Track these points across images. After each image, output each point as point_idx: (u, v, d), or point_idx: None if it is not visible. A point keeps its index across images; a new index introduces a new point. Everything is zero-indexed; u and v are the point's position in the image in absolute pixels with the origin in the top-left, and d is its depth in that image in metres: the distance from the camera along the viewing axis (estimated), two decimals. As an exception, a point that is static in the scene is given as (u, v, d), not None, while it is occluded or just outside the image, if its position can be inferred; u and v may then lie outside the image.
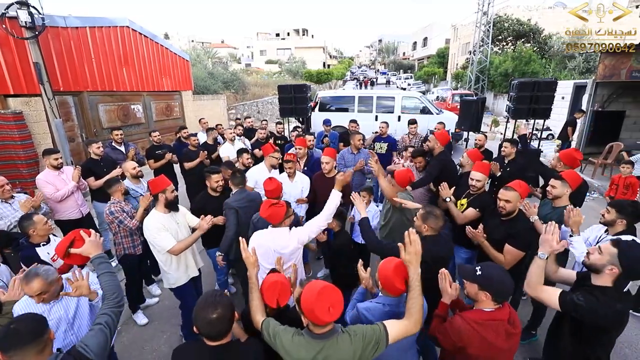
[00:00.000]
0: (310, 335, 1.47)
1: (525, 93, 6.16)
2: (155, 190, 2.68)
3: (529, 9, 23.76)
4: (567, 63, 17.44)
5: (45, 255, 2.49)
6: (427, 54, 41.04)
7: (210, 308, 1.44)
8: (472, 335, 1.59)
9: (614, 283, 1.67)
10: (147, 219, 2.67)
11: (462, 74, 24.36)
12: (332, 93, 11.05)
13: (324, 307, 1.37)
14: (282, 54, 43.43)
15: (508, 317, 1.63)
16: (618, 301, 1.63)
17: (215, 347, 1.48)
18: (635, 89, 8.24)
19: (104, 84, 7.08)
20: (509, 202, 2.46)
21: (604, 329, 1.68)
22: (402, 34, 58.98)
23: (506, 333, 1.60)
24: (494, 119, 14.96)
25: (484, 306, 1.65)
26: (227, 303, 1.50)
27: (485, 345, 1.58)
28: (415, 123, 5.71)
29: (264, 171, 3.89)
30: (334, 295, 1.42)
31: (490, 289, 1.62)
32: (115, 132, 4.85)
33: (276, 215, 2.36)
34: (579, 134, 8.99)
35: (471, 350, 1.60)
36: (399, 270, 1.68)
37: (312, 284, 1.46)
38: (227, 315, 1.47)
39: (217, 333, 1.46)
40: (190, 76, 10.60)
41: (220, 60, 25.66)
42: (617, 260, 1.63)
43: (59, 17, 6.08)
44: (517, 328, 1.65)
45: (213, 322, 1.43)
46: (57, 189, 3.67)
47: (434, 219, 2.22)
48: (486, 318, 1.61)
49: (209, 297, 1.51)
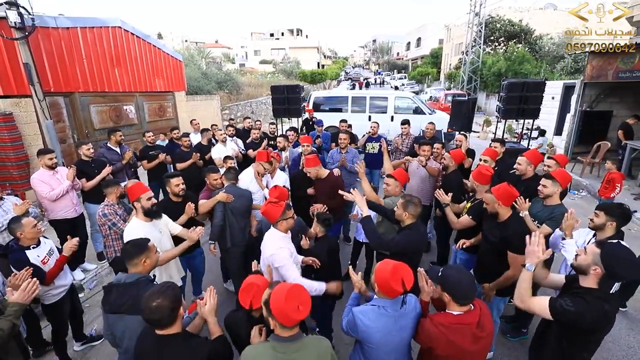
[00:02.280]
0: (277, 339, 1.50)
1: (515, 93, 6.26)
2: (131, 198, 2.60)
3: (520, 10, 24.07)
4: (557, 64, 17.70)
5: (35, 258, 2.49)
6: (421, 54, 41.33)
7: (153, 297, 1.52)
8: (439, 337, 1.63)
9: (599, 284, 1.68)
10: (127, 228, 2.58)
11: (455, 74, 24.58)
12: (326, 93, 11.10)
13: (293, 306, 1.44)
14: (277, 54, 43.33)
15: (477, 320, 1.65)
16: (605, 302, 1.64)
17: (160, 335, 1.56)
18: (621, 89, 8.41)
19: (95, 84, 7.03)
20: (487, 204, 2.59)
21: (593, 330, 1.68)
22: (396, 34, 59.26)
23: (473, 337, 1.63)
24: (486, 118, 15.13)
25: (452, 309, 1.69)
26: (171, 294, 1.56)
27: (452, 347, 1.63)
28: (407, 124, 5.77)
29: (251, 177, 3.84)
30: (302, 295, 1.49)
31: (449, 290, 1.67)
32: (117, 133, 4.85)
33: (272, 213, 2.40)
34: (568, 134, 9.16)
35: (438, 351, 1.65)
36: (397, 272, 1.69)
37: (281, 286, 1.52)
38: (167, 306, 1.52)
39: (155, 321, 1.53)
40: (183, 76, 10.55)
41: (214, 60, 25.49)
42: (599, 261, 1.64)
43: (49, 17, 6.02)
44: (485, 331, 1.67)
45: (152, 309, 1.50)
46: (52, 188, 3.67)
47: (414, 207, 2.43)
48: (453, 322, 1.64)
49: (158, 287, 1.59)
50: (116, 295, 1.88)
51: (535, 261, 1.80)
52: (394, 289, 1.66)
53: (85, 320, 3.34)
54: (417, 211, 2.44)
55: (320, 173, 3.69)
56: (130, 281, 1.91)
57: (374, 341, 1.73)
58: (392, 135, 6.38)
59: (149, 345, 1.59)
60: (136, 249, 1.97)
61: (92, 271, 4.28)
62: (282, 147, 5.08)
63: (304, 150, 4.47)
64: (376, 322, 1.71)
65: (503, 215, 2.53)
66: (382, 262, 1.80)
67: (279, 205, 2.42)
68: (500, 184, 2.59)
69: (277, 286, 1.54)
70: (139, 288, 1.86)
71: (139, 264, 1.96)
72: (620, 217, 2.43)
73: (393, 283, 1.66)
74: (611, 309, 1.66)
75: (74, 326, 3.06)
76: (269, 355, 1.49)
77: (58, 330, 2.80)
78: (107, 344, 3.21)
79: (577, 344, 1.77)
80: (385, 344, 1.73)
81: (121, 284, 1.91)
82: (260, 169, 3.80)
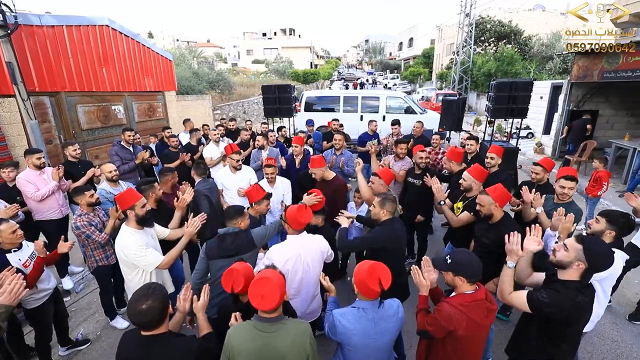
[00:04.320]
0: (258, 319, 1.64)
1: (504, 93, 6.33)
2: (123, 206, 2.48)
3: (509, 11, 24.40)
4: (546, 64, 18.01)
5: (16, 262, 2.43)
6: (413, 54, 41.58)
7: (141, 299, 1.52)
8: (460, 318, 1.69)
9: (581, 277, 1.72)
10: (121, 239, 2.44)
11: (447, 74, 24.80)
12: (318, 93, 11.09)
13: (257, 294, 1.58)
14: (269, 53, 43.15)
15: (485, 295, 1.78)
16: (580, 293, 1.68)
17: (147, 336, 1.56)
18: (607, 88, 8.60)
19: (82, 84, 6.89)
20: (483, 206, 2.53)
21: (567, 321, 1.71)
22: (389, 34, 59.59)
23: (487, 310, 1.75)
24: (476, 118, 15.31)
25: (464, 289, 1.77)
26: (159, 295, 1.57)
27: (472, 325, 1.70)
28: (398, 124, 5.80)
29: (229, 174, 3.98)
30: (267, 286, 1.59)
31: (463, 273, 1.75)
32: (127, 133, 4.81)
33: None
34: (556, 133, 9.32)
35: (460, 331, 1.70)
36: (374, 272, 1.70)
37: (261, 273, 1.68)
38: (157, 307, 1.53)
39: (146, 323, 1.54)
40: (173, 76, 10.42)
41: (205, 59, 25.31)
42: (583, 256, 1.67)
43: (33, 15, 5.89)
44: (494, 304, 1.80)
45: (142, 312, 1.50)
46: (38, 188, 3.61)
47: (390, 203, 2.47)
48: (470, 300, 1.73)
49: (143, 289, 1.58)
50: (230, 240, 2.39)
51: (515, 259, 1.88)
52: (372, 288, 1.68)
53: (71, 324, 3.28)
54: (394, 207, 2.49)
55: (325, 175, 3.56)
56: (236, 231, 2.45)
57: (352, 344, 1.73)
58: (384, 135, 6.41)
59: (135, 348, 1.58)
60: (237, 213, 2.50)
61: (78, 274, 4.21)
62: (260, 145, 5.02)
63: (294, 150, 4.46)
64: (355, 324, 1.72)
65: (497, 216, 2.51)
66: (360, 263, 1.81)
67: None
68: (496, 185, 2.55)
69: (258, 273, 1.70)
70: (247, 233, 2.49)
71: (236, 223, 2.47)
72: (623, 228, 2.36)
73: (370, 283, 1.68)
74: (585, 300, 1.69)
75: (58, 331, 3.00)
76: (250, 332, 1.62)
77: (41, 335, 2.73)
78: (93, 349, 3.19)
79: (555, 336, 1.81)
80: (363, 347, 1.73)
81: (231, 233, 2.43)
82: (232, 162, 3.92)
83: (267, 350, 1.57)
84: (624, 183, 6.70)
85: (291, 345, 1.59)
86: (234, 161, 3.92)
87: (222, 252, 2.38)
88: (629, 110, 9.09)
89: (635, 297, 3.55)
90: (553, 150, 9.47)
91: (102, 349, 3.19)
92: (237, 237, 2.43)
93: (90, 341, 3.26)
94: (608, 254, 1.69)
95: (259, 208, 2.91)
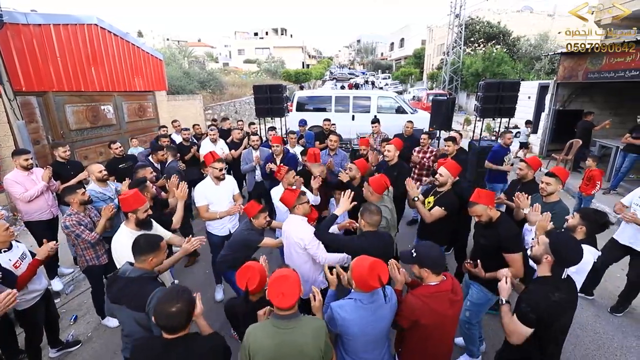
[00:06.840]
0: (276, 317, 1.67)
1: (492, 93, 6.44)
2: (126, 208, 2.48)
3: (498, 12, 24.78)
4: (534, 64, 18.36)
5: (6, 262, 2.41)
6: (404, 55, 41.89)
7: (171, 302, 1.51)
8: (422, 307, 1.79)
9: (551, 271, 1.81)
10: (119, 240, 2.42)
11: (437, 74, 25.08)
12: (309, 93, 11.13)
13: (277, 292, 1.61)
14: (261, 53, 42.94)
15: (451, 287, 1.87)
16: (556, 290, 1.75)
17: (171, 339, 1.55)
18: (591, 89, 8.83)
19: (70, 84, 6.79)
20: (481, 215, 2.51)
21: (548, 321, 1.75)
22: (381, 35, 59.81)
23: (450, 301, 1.84)
24: (466, 117, 15.53)
25: (430, 281, 1.88)
26: (187, 298, 1.58)
27: (434, 314, 1.80)
28: (377, 122, 5.93)
29: (211, 185, 3.51)
30: (286, 284, 1.64)
31: (425, 264, 1.86)
32: (133, 140, 4.88)
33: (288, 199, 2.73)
34: (543, 132, 9.53)
35: (423, 320, 1.80)
36: (374, 269, 1.74)
37: (277, 272, 1.71)
38: (186, 310, 1.54)
39: (174, 326, 1.53)
40: (164, 76, 10.33)
41: (196, 59, 25.07)
42: (549, 249, 1.79)
43: (19, 13, 5.78)
44: (459, 295, 1.90)
45: (172, 315, 1.50)
46: (26, 189, 3.58)
47: (369, 214, 2.37)
48: (433, 291, 1.84)
49: (171, 291, 1.58)
50: (118, 288, 1.92)
51: (506, 295, 1.97)
52: (371, 285, 1.73)
53: (61, 325, 3.26)
54: (374, 219, 2.36)
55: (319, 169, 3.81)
56: (134, 276, 1.93)
57: (351, 333, 1.78)
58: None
59: (158, 353, 1.55)
60: (148, 247, 1.98)
61: (68, 275, 4.16)
62: (254, 144, 4.96)
63: (274, 150, 4.49)
64: (353, 314, 1.77)
65: (493, 216, 2.52)
66: (358, 259, 1.83)
67: (294, 191, 2.72)
68: (479, 190, 2.55)
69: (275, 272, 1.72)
70: (141, 284, 1.91)
71: (146, 260, 1.98)
72: (593, 223, 2.43)
73: (370, 280, 1.72)
74: (562, 297, 1.75)
75: (49, 332, 2.97)
76: (269, 329, 1.65)
77: (32, 336, 2.71)
78: (84, 350, 3.18)
79: (543, 338, 1.84)
80: (362, 335, 1.79)
81: (124, 278, 1.94)
82: (215, 172, 3.47)
83: (285, 347, 1.61)
84: (608, 181, 6.89)
85: (311, 340, 1.64)
86: (217, 170, 3.45)
87: (111, 296, 1.95)
88: (613, 110, 9.34)
89: (616, 290, 3.67)
90: (540, 149, 9.67)
91: (93, 350, 3.17)
92: (129, 284, 1.91)
93: (81, 342, 3.24)
94: (573, 247, 1.78)
95: (258, 222, 2.81)
